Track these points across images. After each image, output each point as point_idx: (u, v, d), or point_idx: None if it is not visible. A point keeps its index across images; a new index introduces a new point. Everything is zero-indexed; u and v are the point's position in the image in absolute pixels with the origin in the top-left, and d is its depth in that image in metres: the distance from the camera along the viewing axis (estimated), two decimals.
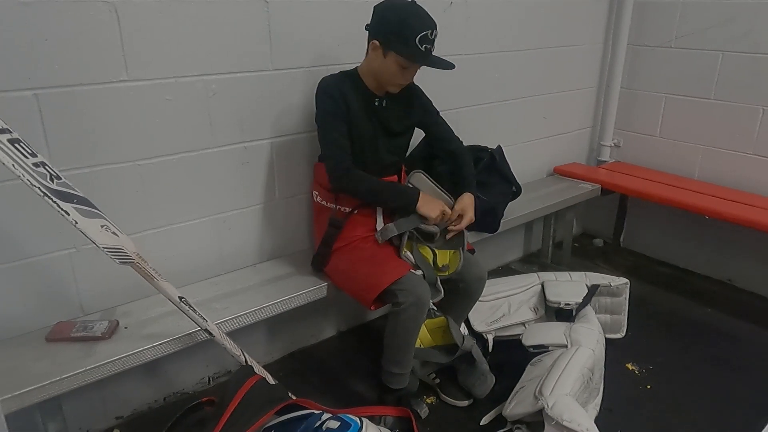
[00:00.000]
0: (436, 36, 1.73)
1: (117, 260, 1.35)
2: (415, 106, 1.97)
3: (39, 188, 1.23)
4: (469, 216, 1.91)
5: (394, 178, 1.98)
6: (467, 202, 1.94)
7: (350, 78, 1.84)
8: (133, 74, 1.64)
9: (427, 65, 1.76)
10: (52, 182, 1.29)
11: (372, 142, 1.87)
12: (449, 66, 1.77)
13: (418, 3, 1.75)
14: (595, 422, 1.62)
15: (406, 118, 1.95)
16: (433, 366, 2.03)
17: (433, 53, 1.76)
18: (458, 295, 1.99)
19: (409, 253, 1.89)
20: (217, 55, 1.78)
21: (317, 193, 1.96)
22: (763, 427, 1.53)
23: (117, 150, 1.67)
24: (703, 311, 2.64)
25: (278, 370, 2.14)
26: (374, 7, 1.76)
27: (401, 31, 1.69)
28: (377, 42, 1.74)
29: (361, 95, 1.83)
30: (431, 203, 1.86)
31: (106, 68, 1.59)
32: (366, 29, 1.77)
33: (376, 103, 1.86)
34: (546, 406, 1.64)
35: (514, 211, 2.51)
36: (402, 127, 1.95)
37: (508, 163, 2.38)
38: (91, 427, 1.87)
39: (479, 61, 2.51)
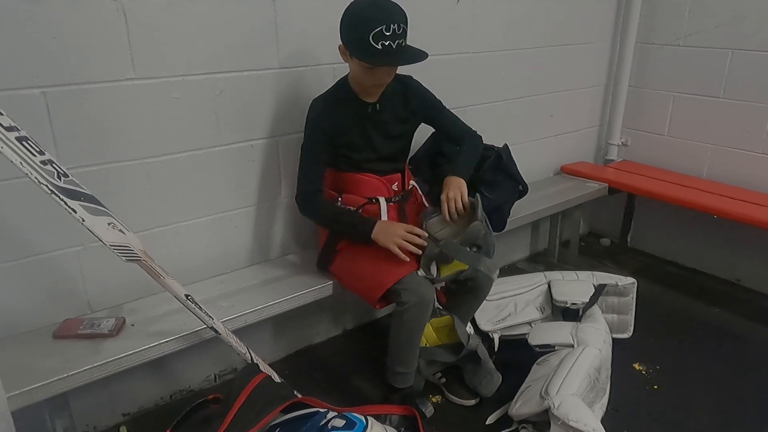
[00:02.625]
0: (398, 30, 1.60)
1: (124, 258, 1.36)
2: (413, 103, 1.91)
3: (46, 186, 1.24)
4: (450, 196, 1.83)
5: (398, 177, 1.95)
6: (449, 185, 1.86)
7: (340, 90, 1.80)
8: (140, 72, 1.64)
9: (385, 65, 1.67)
10: (60, 180, 1.30)
11: (368, 148, 1.85)
12: (417, 58, 1.65)
13: None
14: (601, 422, 1.61)
15: (405, 119, 1.91)
16: (439, 365, 2.02)
17: (404, 46, 1.64)
18: (467, 293, 1.98)
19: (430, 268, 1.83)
20: (224, 53, 1.78)
21: None
22: None
23: (124, 148, 1.68)
24: (710, 311, 2.62)
25: (284, 368, 2.14)
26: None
27: (354, 32, 1.62)
28: (342, 45, 1.70)
29: (352, 106, 1.80)
30: (387, 233, 1.74)
31: (114, 66, 1.60)
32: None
33: (370, 110, 1.82)
34: (552, 406, 1.63)
35: (521, 210, 2.50)
36: (400, 129, 1.92)
37: (514, 162, 2.37)
38: (98, 424, 1.88)
39: (486, 59, 2.50)
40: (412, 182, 2.00)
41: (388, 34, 1.58)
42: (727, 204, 2.56)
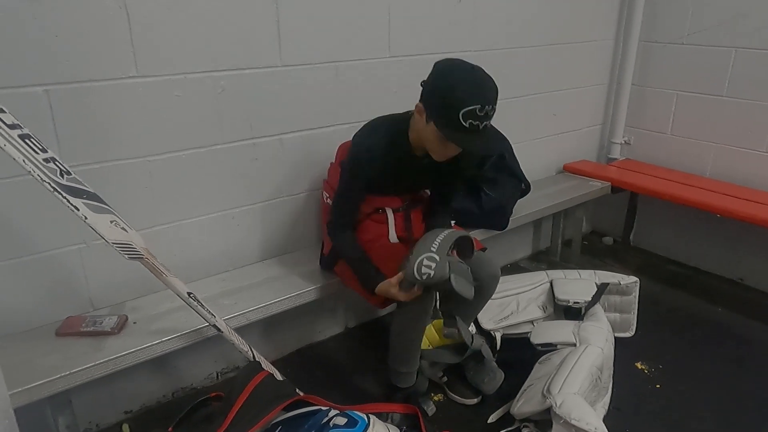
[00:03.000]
0: (490, 112, 1.51)
1: (126, 256, 1.36)
2: (456, 167, 1.80)
3: (49, 183, 1.24)
4: None
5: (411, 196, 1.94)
6: None
7: (396, 143, 1.70)
8: (142, 70, 1.64)
9: (462, 147, 1.57)
10: (62, 178, 1.30)
11: (400, 186, 1.84)
12: (494, 151, 1.58)
13: (482, 71, 1.55)
14: (603, 421, 1.61)
15: (444, 175, 1.85)
16: (442, 365, 2.02)
17: (488, 126, 1.55)
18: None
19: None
20: (226, 51, 1.78)
21: (327, 194, 1.95)
22: None
23: (127, 146, 1.68)
24: (713, 310, 2.62)
25: (286, 366, 2.14)
26: (435, 63, 1.59)
27: (444, 101, 1.50)
28: (421, 105, 1.59)
29: (403, 159, 1.73)
30: (385, 289, 1.70)
31: (116, 64, 1.60)
32: (421, 85, 1.61)
33: (416, 162, 1.76)
34: (554, 405, 1.63)
35: (523, 209, 2.49)
36: (436, 181, 1.90)
37: (517, 161, 2.37)
38: (101, 422, 1.89)
39: (488, 58, 2.49)
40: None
41: (480, 114, 1.49)
42: (730, 203, 2.55)
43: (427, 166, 1.75)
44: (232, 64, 1.80)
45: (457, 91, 1.49)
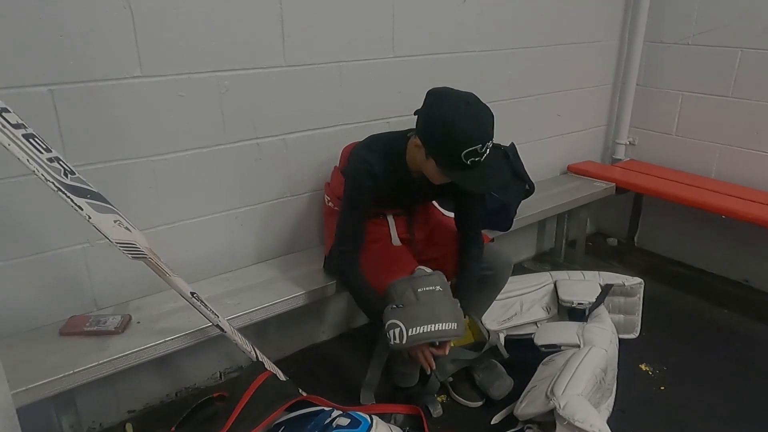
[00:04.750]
0: (489, 146, 1.51)
1: (129, 255, 1.36)
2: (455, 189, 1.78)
3: (53, 183, 1.24)
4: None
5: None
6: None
7: (393, 160, 1.69)
8: (146, 70, 1.64)
9: (464, 186, 1.55)
10: (66, 177, 1.30)
11: (399, 205, 1.84)
12: (493, 188, 1.57)
13: (477, 102, 1.54)
14: (607, 423, 1.60)
15: (445, 192, 1.84)
16: (456, 367, 1.96)
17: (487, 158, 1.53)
18: (486, 283, 1.96)
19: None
20: (230, 51, 1.78)
21: (329, 198, 1.95)
22: None
23: (131, 146, 1.68)
24: (718, 312, 2.60)
25: (289, 366, 2.14)
26: (427, 93, 1.58)
27: (445, 143, 1.49)
28: (419, 141, 1.57)
29: (400, 178, 1.72)
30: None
31: (121, 64, 1.60)
32: (414, 114, 1.61)
33: (416, 185, 1.76)
34: (558, 406, 1.62)
35: (527, 210, 2.49)
36: (434, 196, 1.89)
37: (521, 161, 2.36)
38: (104, 421, 1.89)
39: (493, 58, 2.49)
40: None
41: (481, 151, 1.48)
42: (735, 204, 2.54)
43: (426, 185, 1.73)
44: (236, 64, 1.80)
45: (457, 133, 1.47)
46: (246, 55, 1.81)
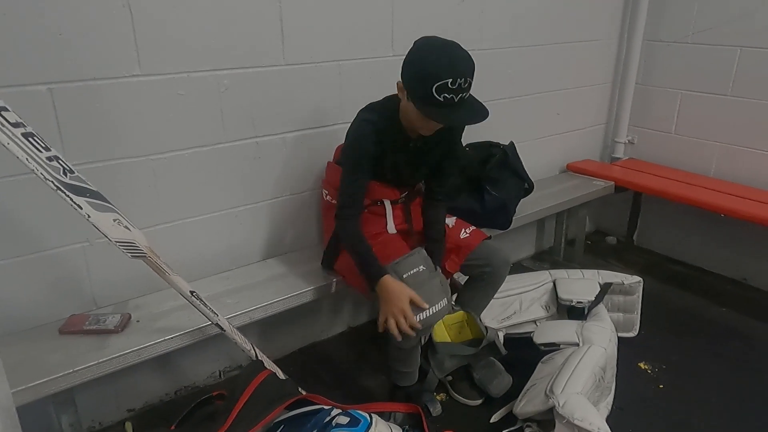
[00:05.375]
0: (464, 84, 1.51)
1: (129, 254, 1.36)
2: (446, 147, 1.84)
3: (52, 182, 1.24)
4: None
5: (408, 189, 1.93)
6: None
7: (389, 119, 1.71)
8: (145, 69, 1.64)
9: (439, 122, 1.60)
10: (66, 176, 1.30)
11: (396, 175, 1.83)
12: (474, 119, 1.56)
13: (455, 46, 1.56)
14: (606, 421, 1.60)
15: (436, 161, 1.87)
16: (454, 364, 1.99)
17: (466, 98, 1.55)
18: (483, 281, 1.96)
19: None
20: (229, 49, 1.78)
21: (327, 191, 1.95)
22: None
23: (130, 144, 1.68)
24: (717, 310, 2.61)
25: (289, 365, 2.14)
26: (414, 42, 1.61)
27: (417, 78, 1.52)
28: (401, 83, 1.61)
29: (396, 139, 1.74)
30: (389, 299, 1.65)
31: (120, 63, 1.60)
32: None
33: (411, 146, 1.78)
34: (557, 405, 1.62)
35: (527, 208, 2.49)
36: (433, 164, 1.89)
37: (520, 160, 2.36)
38: (104, 420, 1.89)
39: (492, 57, 2.49)
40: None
41: (453, 87, 1.49)
42: (734, 203, 2.54)
43: (422, 149, 1.77)
44: (235, 62, 1.80)
45: (429, 67, 1.50)
46: (245, 54, 1.81)
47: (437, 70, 1.49)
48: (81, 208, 1.28)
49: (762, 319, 2.53)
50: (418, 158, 1.82)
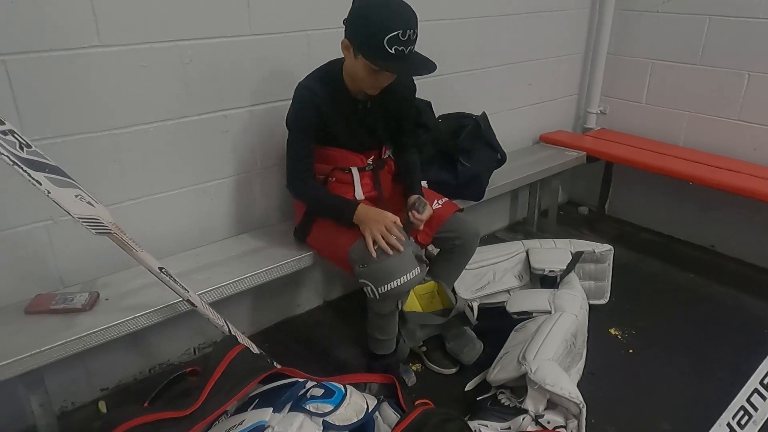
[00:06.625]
0: (413, 36, 1.56)
1: (93, 231, 1.33)
2: (400, 105, 1.88)
3: (8, 157, 1.20)
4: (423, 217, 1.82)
5: (375, 152, 1.93)
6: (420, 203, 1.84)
7: (332, 81, 1.73)
8: (105, 39, 1.58)
9: (395, 72, 1.64)
10: (22, 151, 1.26)
11: (353, 140, 1.83)
12: (426, 70, 1.61)
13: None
14: (578, 386, 1.64)
15: (392, 118, 1.89)
16: (429, 330, 2.02)
17: (414, 53, 1.60)
18: (454, 252, 1.98)
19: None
20: (193, 19, 1.72)
21: None
22: (739, 390, 1.56)
23: (91, 118, 1.63)
24: (685, 277, 2.67)
25: (264, 340, 2.14)
26: (353, 2, 1.62)
27: (367, 31, 1.55)
28: (347, 41, 1.62)
29: (342, 102, 1.75)
30: (368, 218, 1.71)
31: (77, 33, 1.54)
32: (343, 23, 1.63)
33: (360, 106, 1.78)
34: (529, 371, 1.65)
35: (500, 179, 2.49)
36: (387, 127, 1.89)
37: (493, 131, 2.36)
38: (76, 400, 1.87)
39: (464, 26, 2.46)
40: (388, 153, 1.98)
41: (403, 39, 1.52)
42: (702, 171, 2.58)
43: (372, 110, 1.79)
44: (199, 32, 1.74)
45: (378, 20, 1.52)
46: (210, 24, 1.76)
47: (387, 23, 1.51)
48: (40, 184, 1.24)
49: (728, 284, 2.60)
50: (371, 119, 1.82)
